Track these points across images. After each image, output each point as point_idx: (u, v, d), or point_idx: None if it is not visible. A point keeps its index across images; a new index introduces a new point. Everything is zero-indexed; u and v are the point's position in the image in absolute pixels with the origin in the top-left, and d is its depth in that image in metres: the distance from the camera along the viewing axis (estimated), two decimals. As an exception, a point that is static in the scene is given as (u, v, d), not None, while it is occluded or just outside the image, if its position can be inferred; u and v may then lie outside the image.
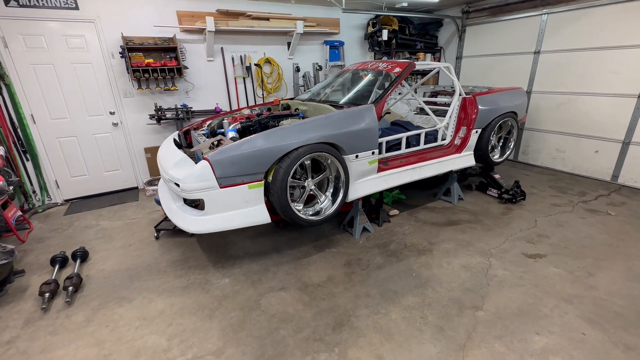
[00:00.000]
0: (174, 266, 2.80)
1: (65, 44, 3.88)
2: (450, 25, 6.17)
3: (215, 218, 2.37)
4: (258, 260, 2.85)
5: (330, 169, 2.74)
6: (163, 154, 2.88)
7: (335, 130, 2.60)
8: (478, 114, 3.61)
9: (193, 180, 2.26)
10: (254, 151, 2.32)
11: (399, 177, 3.22)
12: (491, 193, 4.07)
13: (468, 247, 2.94)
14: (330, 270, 2.67)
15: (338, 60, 5.78)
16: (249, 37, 4.92)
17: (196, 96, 4.78)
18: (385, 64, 3.43)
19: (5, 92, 3.70)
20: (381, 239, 3.14)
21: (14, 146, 3.87)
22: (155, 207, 4.05)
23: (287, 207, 2.43)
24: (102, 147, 4.38)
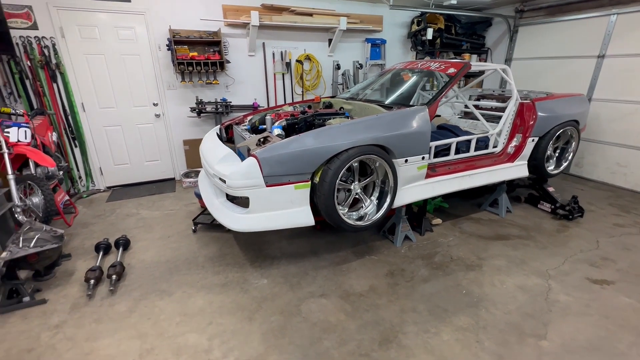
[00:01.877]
0: (211, 262, 2.77)
1: (116, 35, 3.98)
2: (500, 25, 5.81)
3: (259, 217, 2.30)
4: (296, 262, 2.76)
5: (377, 172, 2.59)
6: (207, 147, 2.86)
7: (386, 132, 2.45)
8: (537, 121, 3.32)
9: (239, 177, 2.20)
10: (303, 150, 2.22)
11: (447, 185, 3.03)
12: (543, 207, 3.75)
13: (522, 266, 2.70)
14: (372, 279, 2.54)
15: (379, 58, 5.60)
16: (290, 32, 4.85)
17: (235, 91, 4.78)
18: (437, 64, 3.23)
19: (60, 80, 3.85)
20: (424, 250, 2.96)
21: (64, 133, 4.03)
22: (192, 199, 4.08)
23: (334, 211, 2.32)
24: (144, 138, 4.48)
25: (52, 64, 3.75)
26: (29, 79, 3.71)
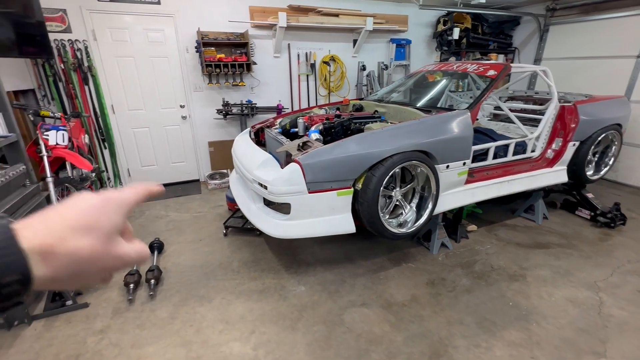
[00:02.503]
0: (246, 267, 2.75)
1: (145, 37, 3.99)
2: (529, 24, 5.64)
3: (299, 224, 2.26)
4: (331, 269, 2.71)
5: (418, 178, 2.52)
6: (243, 151, 2.83)
7: (430, 138, 2.38)
8: (579, 124, 3.19)
9: (282, 184, 2.16)
10: (347, 156, 2.17)
11: (486, 191, 2.93)
12: (581, 214, 3.61)
13: (568, 277, 2.59)
14: (413, 288, 2.47)
15: (403, 59, 5.50)
16: (315, 33, 4.80)
17: (260, 92, 4.76)
18: (475, 66, 3.13)
19: (91, 83, 3.89)
20: (462, 257, 2.88)
21: (94, 135, 4.07)
22: (219, 201, 4.08)
23: (377, 218, 2.26)
24: (171, 139, 4.50)
25: (84, 66, 3.79)
26: (62, 82, 3.76)
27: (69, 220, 0.33)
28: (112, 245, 0.36)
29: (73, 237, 0.33)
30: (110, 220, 0.36)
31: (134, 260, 0.39)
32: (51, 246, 0.32)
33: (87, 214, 0.35)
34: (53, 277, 0.32)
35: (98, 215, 0.35)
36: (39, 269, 0.31)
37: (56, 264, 0.32)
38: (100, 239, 0.35)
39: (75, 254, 0.33)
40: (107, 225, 0.36)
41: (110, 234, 0.36)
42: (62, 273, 0.32)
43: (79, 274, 0.34)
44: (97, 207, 0.36)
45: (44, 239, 0.32)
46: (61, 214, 0.34)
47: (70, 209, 0.35)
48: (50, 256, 0.31)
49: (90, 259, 0.34)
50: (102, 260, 0.35)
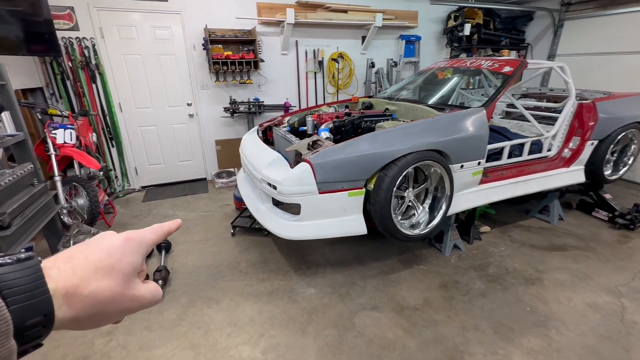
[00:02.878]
0: (254, 268, 2.70)
1: (153, 35, 3.96)
2: (542, 19, 5.48)
3: (310, 225, 2.21)
4: (341, 270, 2.66)
5: (431, 179, 2.45)
6: (251, 150, 2.78)
7: (444, 136, 2.30)
8: (597, 123, 3.08)
9: (292, 184, 2.10)
10: (359, 156, 2.10)
11: (501, 192, 2.85)
12: (599, 215, 3.50)
13: (587, 281, 2.50)
14: (425, 291, 2.40)
15: (413, 56, 5.40)
16: (323, 30, 4.73)
17: (267, 90, 4.71)
18: (490, 62, 3.03)
19: (99, 81, 3.87)
20: (475, 260, 2.80)
21: (102, 133, 4.06)
22: (226, 200, 4.04)
23: (389, 220, 2.20)
24: (178, 138, 4.47)
25: (92, 64, 3.78)
26: (70, 80, 3.74)
27: (92, 261, 0.34)
28: (130, 287, 0.37)
29: (95, 278, 0.34)
30: (131, 261, 0.37)
31: (149, 302, 0.39)
32: (75, 287, 0.32)
33: (110, 255, 0.36)
34: (73, 318, 0.32)
35: (120, 256, 0.36)
36: (62, 310, 0.31)
37: (78, 305, 0.32)
38: (120, 280, 0.35)
39: (97, 295, 0.33)
40: (127, 266, 0.37)
41: (130, 275, 0.37)
42: (82, 314, 0.33)
43: (97, 315, 0.34)
44: (119, 247, 0.37)
45: (69, 280, 0.32)
46: (85, 254, 0.35)
47: (94, 249, 0.36)
48: (73, 297, 0.32)
49: (109, 300, 0.34)
50: (119, 302, 0.36)
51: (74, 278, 0.33)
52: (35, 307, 0.29)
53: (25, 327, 0.29)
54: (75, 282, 0.32)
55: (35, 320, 0.29)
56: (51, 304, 0.30)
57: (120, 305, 0.36)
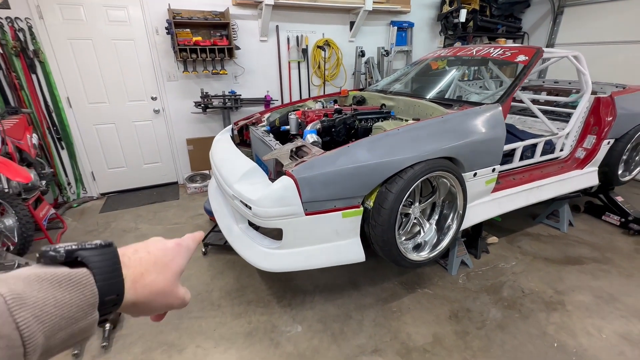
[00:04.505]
0: (229, 298, 2.25)
1: (105, 16, 3.34)
2: (540, 6, 5.15)
3: (294, 254, 1.76)
4: (333, 299, 2.24)
5: (439, 190, 2.05)
6: (221, 157, 2.29)
7: (457, 140, 1.89)
8: (616, 119, 2.75)
9: (271, 204, 1.64)
10: (355, 167, 1.66)
11: (514, 200, 2.49)
12: (609, 220, 3.22)
13: (614, 304, 2.19)
14: (434, 324, 2.02)
15: (405, 44, 4.97)
16: (307, 14, 4.21)
17: (244, 82, 4.18)
18: (500, 50, 2.63)
19: (40, 71, 3.24)
20: (486, 278, 2.44)
21: (48, 133, 3.44)
22: (198, 209, 3.53)
23: (393, 245, 1.78)
24: (142, 137, 3.90)
25: (30, 50, 3.14)
26: (2, 70, 3.10)
27: (153, 257, 0.42)
28: (176, 285, 0.44)
29: (154, 271, 0.41)
30: (180, 263, 0.45)
31: (183, 303, 0.46)
32: (140, 275, 0.40)
33: (165, 254, 0.44)
34: (134, 302, 0.39)
35: (172, 257, 0.44)
36: (129, 293, 0.38)
37: (139, 291, 0.39)
38: (170, 276, 0.43)
39: (153, 286, 0.41)
40: (177, 266, 0.45)
41: (177, 275, 0.45)
42: (141, 299, 0.40)
43: (149, 303, 0.41)
44: (173, 250, 0.45)
45: (137, 268, 0.40)
46: (148, 250, 0.43)
47: (153, 247, 0.44)
48: (137, 283, 0.39)
49: (160, 292, 0.42)
50: (166, 296, 0.43)
51: (140, 267, 0.40)
52: (112, 287, 0.36)
53: (103, 302, 0.35)
54: (140, 270, 0.40)
55: (111, 297, 0.36)
56: (123, 285, 0.37)
57: (166, 298, 0.43)
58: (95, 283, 0.34)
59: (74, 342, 0.34)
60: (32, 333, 0.29)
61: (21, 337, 0.28)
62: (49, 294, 0.31)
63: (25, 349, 0.28)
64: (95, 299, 0.34)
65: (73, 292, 0.33)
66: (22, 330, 0.28)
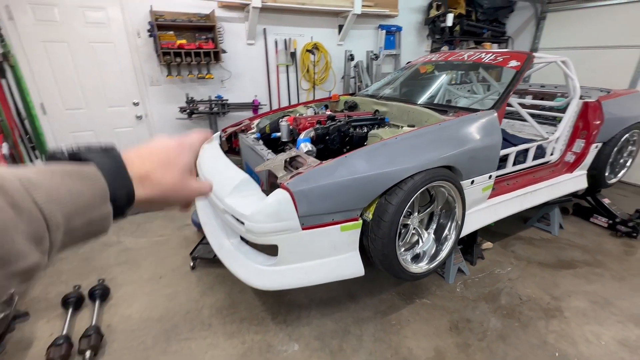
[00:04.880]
0: (220, 316, 2.13)
1: (82, 17, 3.17)
2: (524, 11, 5.25)
3: (291, 270, 1.67)
4: (330, 313, 2.15)
5: (438, 199, 2.00)
6: (209, 167, 2.18)
7: (456, 148, 1.85)
8: (603, 123, 2.80)
9: (265, 219, 1.55)
10: (354, 179, 1.59)
11: (509, 206, 2.48)
12: (597, 222, 3.27)
13: (609, 308, 2.20)
14: (435, 337, 1.97)
15: (393, 48, 4.96)
16: (295, 17, 4.14)
17: (231, 86, 4.06)
18: (492, 55, 2.63)
19: (10, 75, 3.03)
20: (483, 286, 2.42)
21: (20, 141, 3.22)
22: (185, 219, 3.37)
23: (394, 259, 1.72)
24: (124, 144, 3.67)
25: (-2, 54, 2.93)
26: (-32, 74, 2.88)
27: (156, 157, 0.45)
28: (186, 179, 0.47)
29: (159, 170, 0.44)
30: (184, 160, 0.48)
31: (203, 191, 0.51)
32: (146, 174, 0.43)
33: (168, 154, 0.46)
34: (147, 198, 0.43)
35: (175, 155, 0.47)
36: (138, 190, 0.41)
37: (149, 189, 0.43)
38: (178, 173, 0.46)
39: (162, 183, 0.44)
40: (182, 163, 0.47)
41: (185, 170, 0.47)
42: (153, 196, 0.43)
43: (165, 198, 0.45)
44: (175, 148, 0.47)
45: (141, 168, 0.43)
46: (149, 151, 0.45)
47: (155, 149, 0.46)
48: (145, 182, 0.42)
49: (171, 187, 0.45)
50: (179, 190, 0.46)
51: (144, 167, 0.43)
52: (121, 184, 0.39)
53: (116, 197, 0.38)
54: (145, 170, 0.43)
55: (122, 194, 0.39)
56: (131, 183, 0.40)
57: (180, 193, 0.47)
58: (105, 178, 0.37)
59: (93, 231, 0.37)
60: (51, 210, 0.30)
61: (41, 211, 0.29)
62: (61, 183, 0.33)
63: (48, 224, 0.30)
64: (105, 192, 0.36)
65: (84, 184, 0.35)
66: (40, 205, 0.29)
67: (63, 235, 0.32)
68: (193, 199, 0.50)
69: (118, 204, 0.38)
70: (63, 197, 0.32)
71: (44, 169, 0.33)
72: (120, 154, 0.41)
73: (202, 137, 0.53)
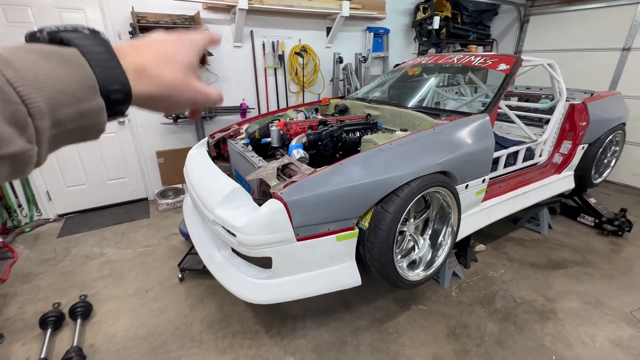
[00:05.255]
0: (211, 331, 2.04)
1: (59, 18, 3.01)
2: (507, 14, 5.35)
3: (285, 283, 1.61)
4: (326, 323, 2.10)
5: (433, 205, 1.97)
6: (198, 176, 2.09)
7: (451, 153, 1.83)
8: (589, 124, 2.85)
9: (259, 231, 1.48)
10: (350, 187, 1.54)
11: (502, 209, 2.49)
12: (584, 221, 3.34)
13: (601, 308, 2.22)
14: (433, 345, 1.94)
15: (381, 50, 4.96)
16: (283, 19, 4.07)
17: (219, 89, 3.93)
18: (481, 59, 2.64)
19: (-20, 79, 2.84)
20: (478, 289, 2.41)
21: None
22: (172, 227, 3.26)
23: (391, 268, 1.68)
24: (105, 151, 3.55)
25: (-33, 57, 2.74)
26: None
27: (153, 49, 0.39)
28: (189, 78, 0.41)
29: (157, 64, 0.38)
30: (185, 55, 0.41)
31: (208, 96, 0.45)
32: (142, 66, 0.37)
33: (166, 47, 0.40)
34: (147, 95, 0.37)
35: (174, 50, 0.40)
36: (135, 84, 0.36)
37: (147, 84, 0.37)
38: (178, 69, 0.40)
39: (161, 78, 0.38)
40: (183, 59, 0.41)
41: (186, 68, 0.41)
42: (154, 93, 0.38)
43: (168, 97, 0.39)
44: (173, 42, 0.41)
45: (135, 59, 0.37)
46: (144, 43, 0.39)
47: (151, 41, 0.40)
48: (141, 76, 0.36)
49: (173, 84, 0.39)
50: (183, 89, 0.40)
51: (139, 58, 0.37)
52: (111, 74, 0.33)
53: (109, 91, 0.33)
54: (140, 62, 0.37)
55: (115, 87, 0.33)
56: (125, 75, 0.34)
57: (184, 92, 0.41)
58: (90, 66, 0.32)
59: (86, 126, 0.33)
60: (29, 93, 0.27)
61: (16, 92, 0.26)
62: (39, 64, 0.29)
63: (28, 108, 0.27)
64: (93, 82, 0.32)
65: (66, 68, 0.30)
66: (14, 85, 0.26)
67: (52, 127, 0.29)
68: (201, 101, 0.44)
69: (113, 98, 0.33)
70: (42, 80, 0.28)
71: (17, 46, 0.29)
72: (107, 38, 0.35)
73: (204, 36, 0.46)
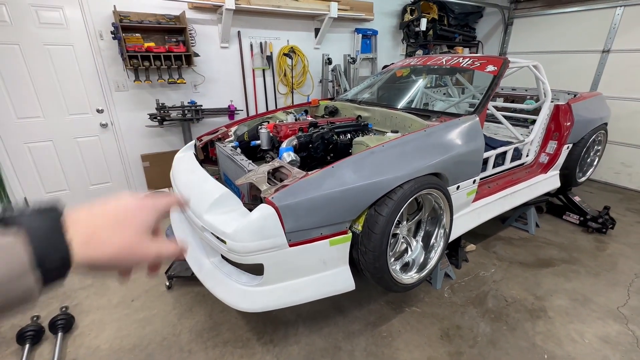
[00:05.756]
0: (201, 340, 1.97)
1: (35, 17, 2.88)
2: (492, 17, 5.45)
3: (277, 289, 1.57)
4: (319, 329, 2.06)
5: (425, 207, 1.97)
6: (185, 180, 2.02)
7: (443, 154, 1.82)
8: (574, 125, 2.91)
9: (250, 237, 1.43)
10: (343, 191, 1.51)
11: (492, 209, 2.52)
12: (569, 219, 3.41)
13: (589, 305, 2.26)
14: (427, 347, 1.93)
15: (369, 52, 4.97)
16: (270, 19, 4.03)
17: (205, 91, 3.87)
18: (470, 60, 2.66)
19: (-51, 81, 2.70)
20: (469, 289, 2.42)
21: (-36, 155, 2.87)
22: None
23: (385, 272, 1.66)
24: (87, 155, 3.42)
25: None
26: None
27: (109, 215, 0.41)
28: (141, 242, 0.42)
29: (110, 228, 0.40)
30: (143, 220, 0.43)
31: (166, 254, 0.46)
32: (93, 231, 0.39)
33: (126, 210, 0.43)
34: (91, 263, 0.39)
35: (134, 212, 0.43)
36: (80, 251, 0.37)
37: (93, 249, 0.38)
38: (130, 234, 0.41)
39: (109, 245, 0.40)
40: (139, 223, 0.43)
41: (141, 233, 0.43)
42: (98, 259, 0.39)
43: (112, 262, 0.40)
44: (134, 205, 0.44)
45: (86, 227, 0.39)
46: (104, 208, 0.42)
47: (112, 206, 0.42)
48: (90, 241, 0.38)
49: (119, 249, 0.40)
50: (132, 254, 0.41)
51: (92, 226, 0.39)
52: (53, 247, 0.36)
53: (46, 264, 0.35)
54: (92, 229, 0.39)
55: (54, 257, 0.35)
56: (66, 245, 0.36)
57: (132, 256, 0.42)
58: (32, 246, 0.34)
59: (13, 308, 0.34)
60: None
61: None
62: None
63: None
64: (23, 263, 0.33)
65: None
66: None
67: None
68: (152, 262, 0.45)
69: (49, 268, 0.35)
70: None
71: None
72: (62, 212, 0.38)
73: (171, 200, 0.49)
